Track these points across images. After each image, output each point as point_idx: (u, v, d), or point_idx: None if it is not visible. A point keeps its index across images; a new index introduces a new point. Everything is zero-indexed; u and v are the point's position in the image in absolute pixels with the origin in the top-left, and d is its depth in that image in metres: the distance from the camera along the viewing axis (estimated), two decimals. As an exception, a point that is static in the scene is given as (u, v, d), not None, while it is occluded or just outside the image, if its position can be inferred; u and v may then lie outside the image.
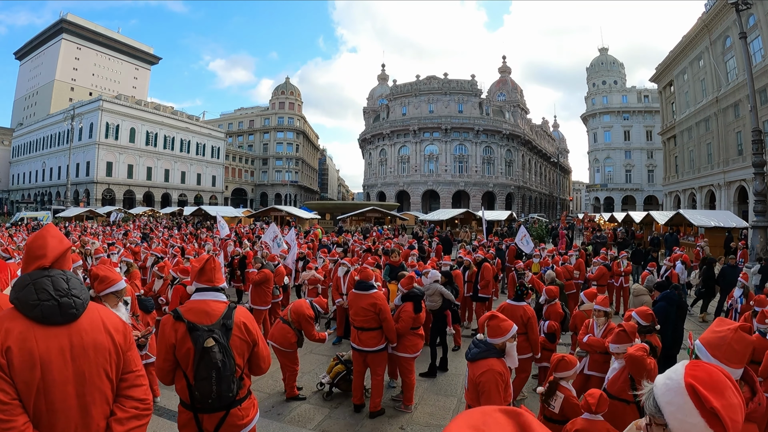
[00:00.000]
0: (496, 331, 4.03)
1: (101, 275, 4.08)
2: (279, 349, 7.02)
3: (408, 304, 6.85)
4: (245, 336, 3.35)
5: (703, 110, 45.50)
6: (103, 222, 41.27)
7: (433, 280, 8.75)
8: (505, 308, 6.54)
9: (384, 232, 28.50)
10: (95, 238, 21.72)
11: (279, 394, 7.35)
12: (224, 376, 3.14)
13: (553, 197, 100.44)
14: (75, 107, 65.02)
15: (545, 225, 35.79)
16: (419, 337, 6.87)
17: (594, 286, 12.60)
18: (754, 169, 18.92)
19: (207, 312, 3.31)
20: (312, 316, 7.05)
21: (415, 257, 13.24)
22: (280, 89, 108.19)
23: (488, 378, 3.85)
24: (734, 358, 2.40)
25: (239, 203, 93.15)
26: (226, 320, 3.29)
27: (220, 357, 3.13)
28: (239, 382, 3.29)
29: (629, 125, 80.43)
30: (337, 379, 7.22)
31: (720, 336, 2.45)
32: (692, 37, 46.78)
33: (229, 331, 3.27)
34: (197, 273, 3.48)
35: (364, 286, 6.68)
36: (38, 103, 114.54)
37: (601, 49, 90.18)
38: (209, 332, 3.19)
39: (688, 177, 50.28)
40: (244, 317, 3.41)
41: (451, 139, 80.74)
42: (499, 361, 3.97)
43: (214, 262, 3.52)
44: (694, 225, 25.03)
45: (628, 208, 70.87)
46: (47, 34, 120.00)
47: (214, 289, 3.46)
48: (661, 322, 7.02)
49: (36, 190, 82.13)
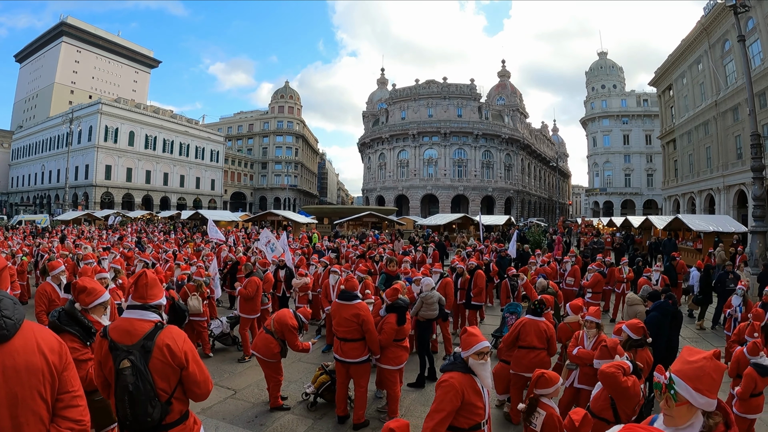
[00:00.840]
0: (465, 344, 3.90)
1: (88, 288, 4.03)
2: (262, 360, 6.92)
3: (391, 315, 6.69)
4: (168, 359, 3.12)
5: (702, 114, 45.44)
6: (100, 225, 41.11)
7: (430, 287, 8.62)
8: (526, 323, 6.36)
9: (381, 237, 28.33)
10: (90, 243, 21.57)
11: (263, 404, 7.26)
12: (138, 399, 2.98)
13: (552, 201, 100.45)
14: (74, 110, 64.85)
15: (542, 230, 35.61)
16: (403, 349, 6.73)
17: (589, 294, 12.57)
18: (753, 174, 18.76)
19: (129, 332, 3.16)
20: (295, 326, 6.89)
21: (408, 264, 13.07)
22: (280, 93, 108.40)
23: (443, 387, 3.77)
24: (714, 389, 2.29)
25: (238, 207, 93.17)
26: (146, 341, 3.12)
27: (132, 380, 2.99)
28: (165, 406, 3.11)
29: (628, 129, 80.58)
30: (322, 389, 7.11)
31: (698, 367, 2.32)
32: (691, 41, 46.76)
33: (149, 354, 3.09)
34: (131, 288, 3.35)
35: (347, 296, 6.54)
36: (38, 106, 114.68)
37: (600, 53, 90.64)
38: (126, 353, 3.06)
39: (688, 181, 50.19)
40: (169, 339, 3.18)
41: (450, 143, 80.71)
42: (463, 376, 3.80)
43: (147, 278, 3.35)
44: (693, 230, 24.82)
45: (627, 212, 70.95)
46: (47, 36, 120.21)
47: (144, 308, 3.29)
48: (653, 333, 6.88)
49: (35, 193, 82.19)
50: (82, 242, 21.46)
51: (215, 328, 10.16)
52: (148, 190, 77.75)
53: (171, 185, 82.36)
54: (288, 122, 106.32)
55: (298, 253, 18.11)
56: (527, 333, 6.23)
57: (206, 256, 16.47)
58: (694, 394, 2.24)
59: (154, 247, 20.44)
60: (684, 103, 50.95)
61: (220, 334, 10.19)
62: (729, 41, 39.46)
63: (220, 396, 7.50)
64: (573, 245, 29.25)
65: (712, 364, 2.30)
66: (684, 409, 2.28)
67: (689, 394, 2.25)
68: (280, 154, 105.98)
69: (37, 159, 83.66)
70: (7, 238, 25.63)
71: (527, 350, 6.19)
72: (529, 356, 6.12)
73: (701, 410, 2.28)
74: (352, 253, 18.25)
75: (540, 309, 6.52)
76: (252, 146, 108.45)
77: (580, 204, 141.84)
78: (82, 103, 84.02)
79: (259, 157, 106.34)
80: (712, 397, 2.26)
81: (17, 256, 16.06)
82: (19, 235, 28.85)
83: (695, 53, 46.76)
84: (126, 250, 18.81)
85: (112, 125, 72.06)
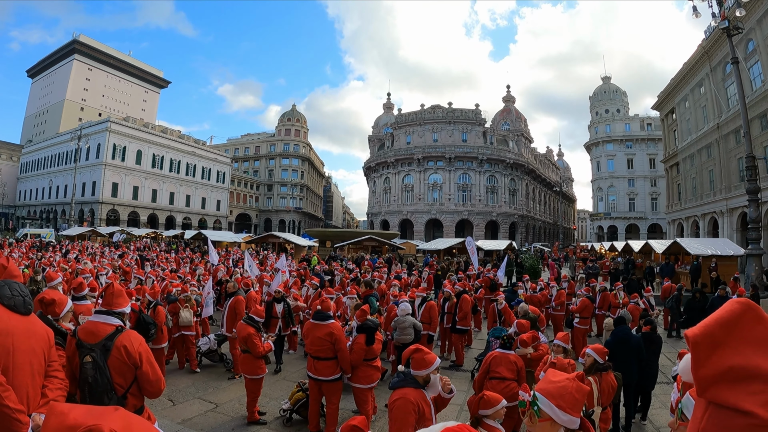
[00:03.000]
0: (420, 363, 4.07)
1: (57, 299, 4.27)
2: (249, 379, 7.27)
3: (361, 336, 6.86)
4: (124, 358, 3.59)
5: (705, 137, 45.37)
6: (104, 242, 41.42)
7: (405, 313, 8.76)
8: (496, 356, 6.47)
9: (378, 261, 28.29)
10: (91, 259, 21.87)
11: (242, 418, 7.47)
12: (96, 391, 3.47)
13: (557, 226, 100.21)
14: (83, 127, 65.74)
15: (540, 255, 35.45)
16: (374, 369, 6.89)
17: (577, 319, 12.59)
18: (748, 196, 18.78)
19: (93, 332, 3.68)
20: (253, 331, 7.20)
21: (397, 288, 13.17)
22: (287, 116, 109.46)
23: (398, 405, 3.93)
24: (577, 407, 2.47)
25: (243, 228, 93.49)
26: (107, 341, 3.61)
27: (92, 373, 3.49)
28: (120, 400, 3.56)
29: (632, 153, 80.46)
30: (297, 405, 7.28)
31: (561, 386, 2.50)
32: (693, 64, 46.94)
33: (108, 352, 3.57)
34: (101, 297, 3.82)
35: (321, 316, 6.74)
36: (48, 122, 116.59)
37: (604, 77, 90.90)
38: (89, 350, 3.56)
39: (691, 204, 49.93)
40: (126, 341, 3.65)
41: (454, 168, 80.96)
42: (416, 391, 3.99)
43: (114, 288, 3.92)
44: (691, 253, 24.83)
45: (631, 236, 70.62)
46: (60, 53, 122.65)
47: (108, 313, 3.83)
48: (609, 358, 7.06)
49: (42, 207, 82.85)
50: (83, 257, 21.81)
51: (203, 345, 10.33)
52: (153, 209, 78.27)
53: (177, 205, 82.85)
54: (294, 145, 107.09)
55: (293, 275, 18.32)
56: (497, 365, 6.35)
57: (202, 275, 16.68)
58: (556, 411, 2.42)
59: (154, 264, 20.80)
60: (687, 126, 50.95)
61: (208, 350, 10.35)
62: (730, 64, 39.68)
63: (202, 409, 7.70)
64: (565, 270, 29.19)
65: (574, 384, 2.49)
66: (547, 426, 2.46)
67: (552, 411, 2.43)
68: (286, 176, 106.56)
69: (45, 174, 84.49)
70: (11, 250, 25.99)
71: (498, 380, 6.33)
72: (500, 386, 6.24)
73: (564, 428, 2.45)
74: (341, 276, 18.37)
75: (509, 343, 6.65)
76: (258, 168, 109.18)
77: (585, 229, 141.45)
78: (91, 120, 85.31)
79: (265, 179, 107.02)
80: (575, 414, 2.44)
81: (19, 267, 16.26)
82: (23, 248, 29.17)
83: (697, 76, 46.89)
84: (126, 266, 19.20)
85: (120, 143, 72.73)
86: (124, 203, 73.48)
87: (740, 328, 1.25)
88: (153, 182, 78.51)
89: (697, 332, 1.29)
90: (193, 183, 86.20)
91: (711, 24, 41.39)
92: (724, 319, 1.28)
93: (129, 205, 74.23)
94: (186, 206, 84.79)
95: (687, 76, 49.27)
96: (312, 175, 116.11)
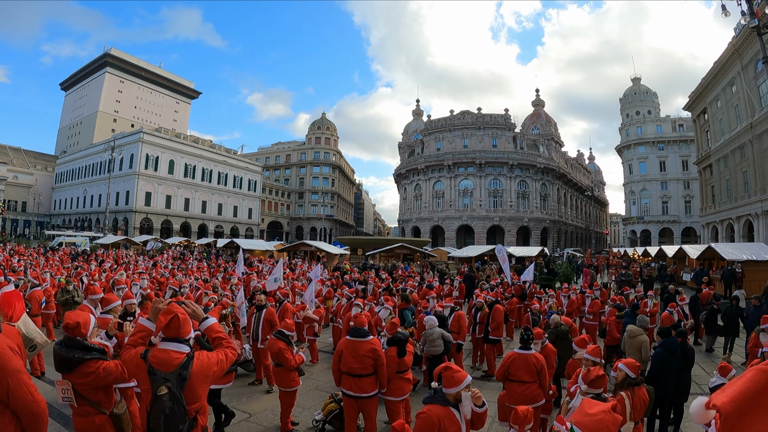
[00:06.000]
0: (450, 381, 4.06)
1: (80, 321, 4.33)
2: (284, 391, 7.32)
3: (392, 348, 6.91)
4: (201, 379, 3.67)
5: (738, 137, 44.54)
6: (138, 251, 42.15)
7: (431, 326, 8.82)
8: (515, 358, 6.50)
9: (410, 269, 28.28)
10: (125, 268, 22.38)
11: (275, 428, 7.53)
12: (172, 420, 3.45)
13: (589, 231, 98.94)
14: (116, 138, 67.07)
15: (574, 261, 34.77)
16: (406, 381, 6.91)
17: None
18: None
19: (167, 361, 3.61)
20: (284, 346, 7.24)
21: (432, 299, 13.07)
22: (317, 124, 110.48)
23: (420, 420, 3.96)
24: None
25: (275, 236, 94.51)
26: (182, 370, 3.58)
27: (169, 405, 3.44)
28: (192, 422, 3.61)
29: (665, 155, 79.23)
30: (330, 416, 7.34)
31: (597, 419, 2.53)
32: (723, 63, 46.11)
33: (184, 381, 3.56)
34: (163, 327, 3.77)
35: (360, 333, 6.67)
36: (82, 133, 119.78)
37: (633, 78, 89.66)
38: (164, 380, 3.51)
39: (725, 207, 48.98)
40: (199, 368, 3.66)
41: (485, 173, 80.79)
42: (442, 408, 3.99)
43: (179, 320, 3.77)
44: (726, 258, 24.22)
45: (665, 240, 69.40)
46: (92, 67, 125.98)
47: (177, 340, 3.74)
48: (657, 370, 6.91)
49: (76, 216, 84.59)
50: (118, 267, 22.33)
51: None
52: (186, 217, 79.53)
53: (209, 213, 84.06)
54: (325, 153, 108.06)
55: (327, 284, 18.45)
56: (516, 367, 6.37)
57: (234, 285, 16.90)
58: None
59: (188, 273, 21.16)
60: (719, 126, 50.03)
61: (243, 360, 10.50)
62: (761, 62, 38.81)
63: (236, 419, 7.78)
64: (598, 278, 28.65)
65: (610, 417, 2.52)
66: None
67: None
68: (316, 184, 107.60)
69: (79, 183, 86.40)
70: (48, 259, 26.67)
71: (517, 383, 6.34)
72: (519, 389, 6.25)
73: None
74: (375, 286, 18.30)
75: (527, 339, 6.67)
76: (289, 176, 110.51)
77: (617, 233, 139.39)
78: (124, 131, 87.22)
79: (296, 187, 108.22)
80: None
81: (56, 277, 16.71)
82: (58, 258, 29.82)
83: (728, 75, 46.05)
84: (159, 276, 19.53)
85: (153, 153, 74.15)
86: (157, 212, 74.81)
87: (765, 399, 1.49)
88: (185, 191, 79.84)
89: (728, 407, 1.53)
90: (225, 192, 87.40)
91: (740, 22, 40.79)
92: (751, 392, 1.51)
93: (162, 214, 75.52)
94: (218, 214, 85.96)
95: (718, 76, 48.38)
96: (342, 183, 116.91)
